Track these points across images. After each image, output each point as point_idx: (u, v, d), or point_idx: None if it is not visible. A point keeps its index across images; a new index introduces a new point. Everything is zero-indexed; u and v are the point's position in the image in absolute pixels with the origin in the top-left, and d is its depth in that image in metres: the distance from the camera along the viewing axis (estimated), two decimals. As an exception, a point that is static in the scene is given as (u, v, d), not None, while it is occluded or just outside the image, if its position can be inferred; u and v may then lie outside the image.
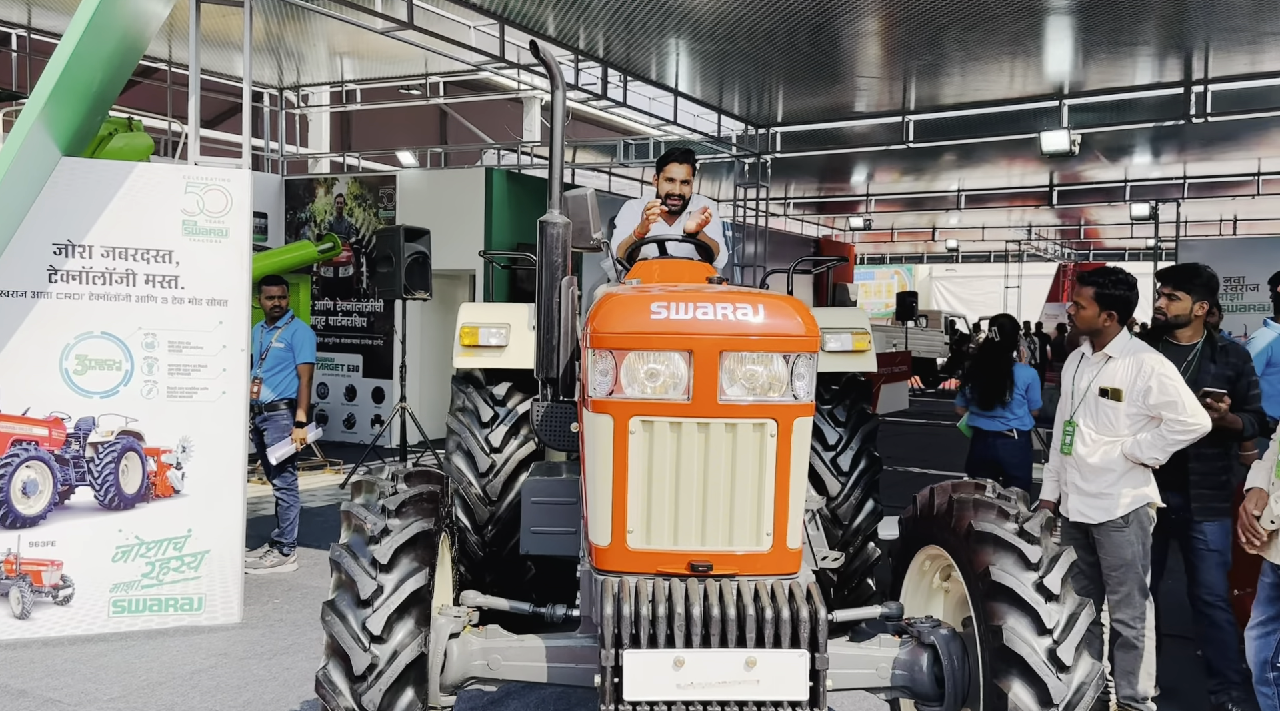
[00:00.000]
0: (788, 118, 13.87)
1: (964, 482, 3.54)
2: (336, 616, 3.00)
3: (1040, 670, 2.97)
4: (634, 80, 11.56)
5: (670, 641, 2.82)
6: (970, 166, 17.58)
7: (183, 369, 5.76)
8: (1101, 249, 31.25)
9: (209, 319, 5.80)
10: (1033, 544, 3.18)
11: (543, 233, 3.92)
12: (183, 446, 5.79)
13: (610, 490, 3.13)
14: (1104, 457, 4.49)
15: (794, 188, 20.89)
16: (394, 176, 13.86)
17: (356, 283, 13.84)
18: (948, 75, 11.23)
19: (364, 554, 3.07)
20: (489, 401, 5.44)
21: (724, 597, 2.88)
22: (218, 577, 5.87)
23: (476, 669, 3.35)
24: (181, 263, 5.74)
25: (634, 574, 3.11)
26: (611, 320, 3.10)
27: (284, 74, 14.54)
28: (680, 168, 5.29)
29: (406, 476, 3.39)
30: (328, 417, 13.89)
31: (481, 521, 5.30)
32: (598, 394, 3.12)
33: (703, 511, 3.12)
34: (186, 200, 5.74)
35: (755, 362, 3.07)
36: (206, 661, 5.29)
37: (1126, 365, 4.47)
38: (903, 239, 30.15)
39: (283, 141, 15.04)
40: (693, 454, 3.09)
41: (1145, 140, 14.66)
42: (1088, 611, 3.10)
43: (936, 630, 3.38)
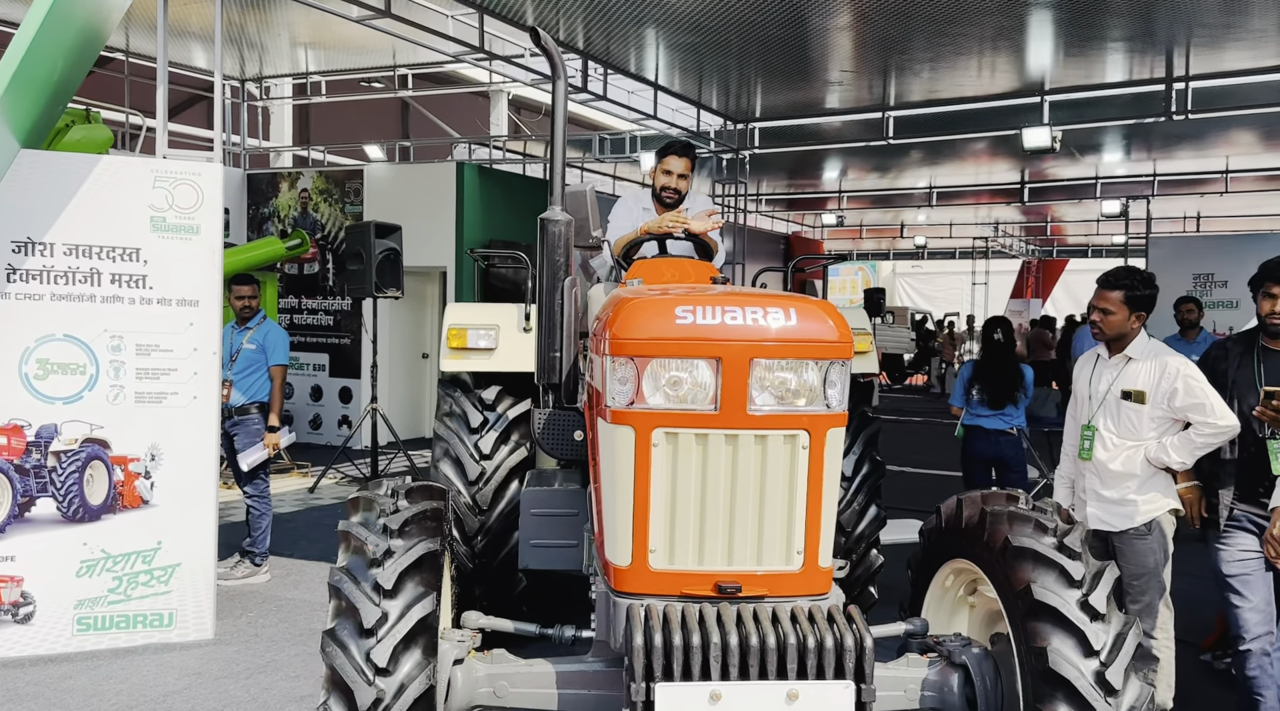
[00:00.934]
0: (767, 113, 13.72)
1: (995, 493, 3.38)
2: (338, 647, 2.76)
3: (1088, 694, 2.82)
4: (614, 74, 11.34)
5: (705, 672, 2.62)
6: (943, 163, 17.56)
7: (151, 373, 5.46)
8: (1065, 246, 31.51)
9: (179, 320, 5.50)
10: (1074, 559, 3.02)
11: (544, 230, 3.72)
12: (151, 454, 5.49)
13: (631, 507, 2.93)
14: (1126, 463, 4.35)
15: (765, 184, 20.77)
16: (361, 171, 13.53)
17: (322, 280, 13.50)
18: (927, 71, 11.13)
19: (366, 578, 2.84)
20: (478, 406, 5.21)
21: (761, 623, 2.69)
22: (189, 592, 5.58)
23: (482, 697, 3.15)
24: (149, 261, 5.44)
25: (656, 596, 2.91)
26: (633, 325, 2.89)
27: (245, 65, 14.13)
28: (679, 161, 5.09)
29: (408, 492, 3.16)
30: (293, 418, 13.53)
31: (471, 532, 5.07)
32: (617, 404, 2.91)
33: (730, 529, 2.93)
34: (155, 195, 5.44)
35: (786, 370, 2.88)
36: (180, 682, 5.01)
37: (1149, 367, 4.33)
38: (871, 236, 30.19)
39: (244, 134, 14.64)
40: (720, 468, 2.90)
41: (1118, 137, 14.69)
42: (1135, 631, 2.95)
43: (968, 649, 3.22)
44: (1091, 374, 4.59)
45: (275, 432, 6.78)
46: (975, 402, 7.38)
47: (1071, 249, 31.39)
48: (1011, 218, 26.19)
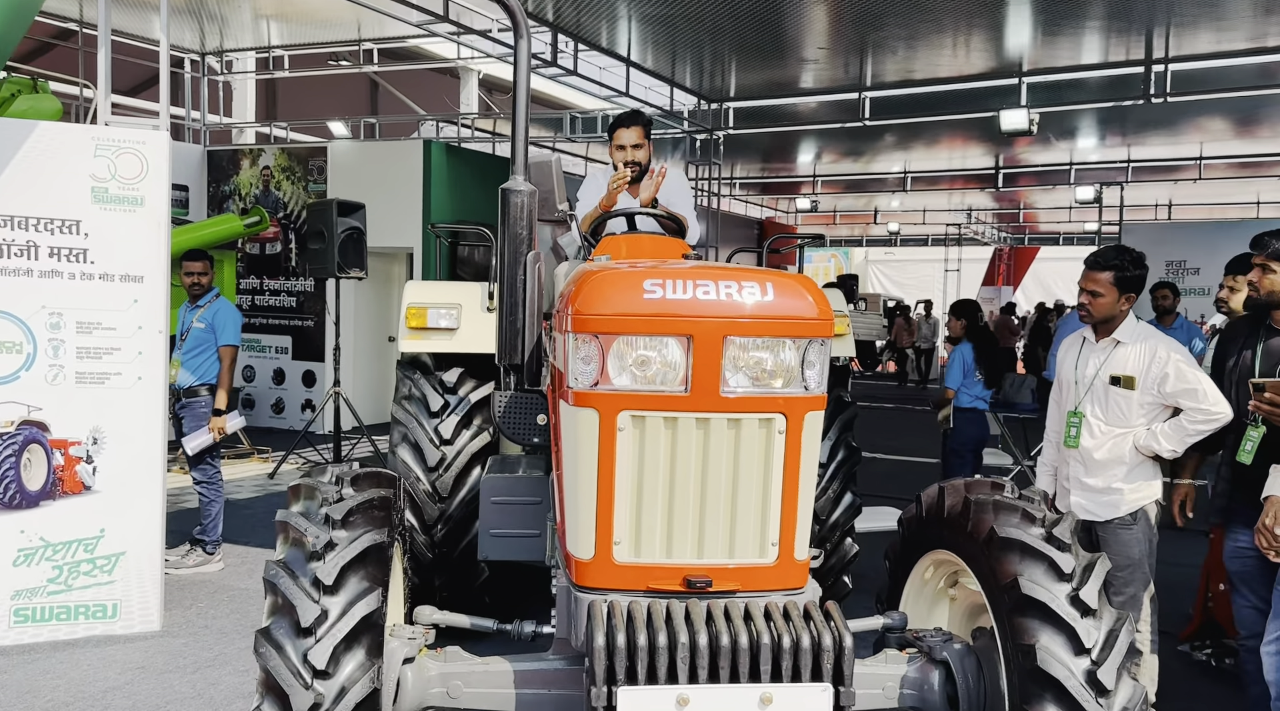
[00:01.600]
0: (741, 92, 13.47)
1: (979, 481, 3.20)
2: (272, 647, 2.54)
3: (1078, 694, 2.65)
4: (585, 50, 11.05)
5: (672, 675, 2.42)
6: (918, 147, 17.41)
7: (93, 352, 5.19)
8: (1037, 233, 31.54)
9: (123, 297, 5.22)
10: (1064, 552, 2.85)
11: (505, 202, 3.49)
12: (94, 438, 5.22)
13: (594, 495, 2.72)
14: (1112, 450, 4.19)
15: (739, 167, 20.55)
16: (325, 148, 13.18)
17: (285, 260, 13.16)
18: (904, 49, 10.95)
19: (304, 573, 2.62)
20: (438, 389, 4.99)
21: (733, 622, 2.49)
22: (134, 581, 5.33)
23: (434, 697, 2.94)
24: (91, 234, 5.15)
25: (621, 592, 2.71)
26: (598, 300, 2.68)
27: (205, 38, 13.72)
28: (630, 132, 4.85)
29: (353, 479, 2.94)
30: (255, 403, 13.22)
31: (430, 520, 4.86)
32: (580, 385, 2.70)
33: (700, 519, 2.73)
34: (96, 164, 5.16)
35: (762, 349, 2.68)
36: (122, 677, 4.76)
37: (1139, 351, 4.16)
38: (845, 221, 30.06)
39: (205, 110, 14.23)
40: (690, 453, 2.70)
41: (1094, 121, 14.59)
42: (1128, 627, 2.79)
43: (949, 645, 3.05)
44: (1077, 358, 4.42)
45: (221, 416, 6.48)
46: (975, 384, 7.29)
47: (1043, 237, 31.43)
48: (984, 204, 26.13)
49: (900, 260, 35.23)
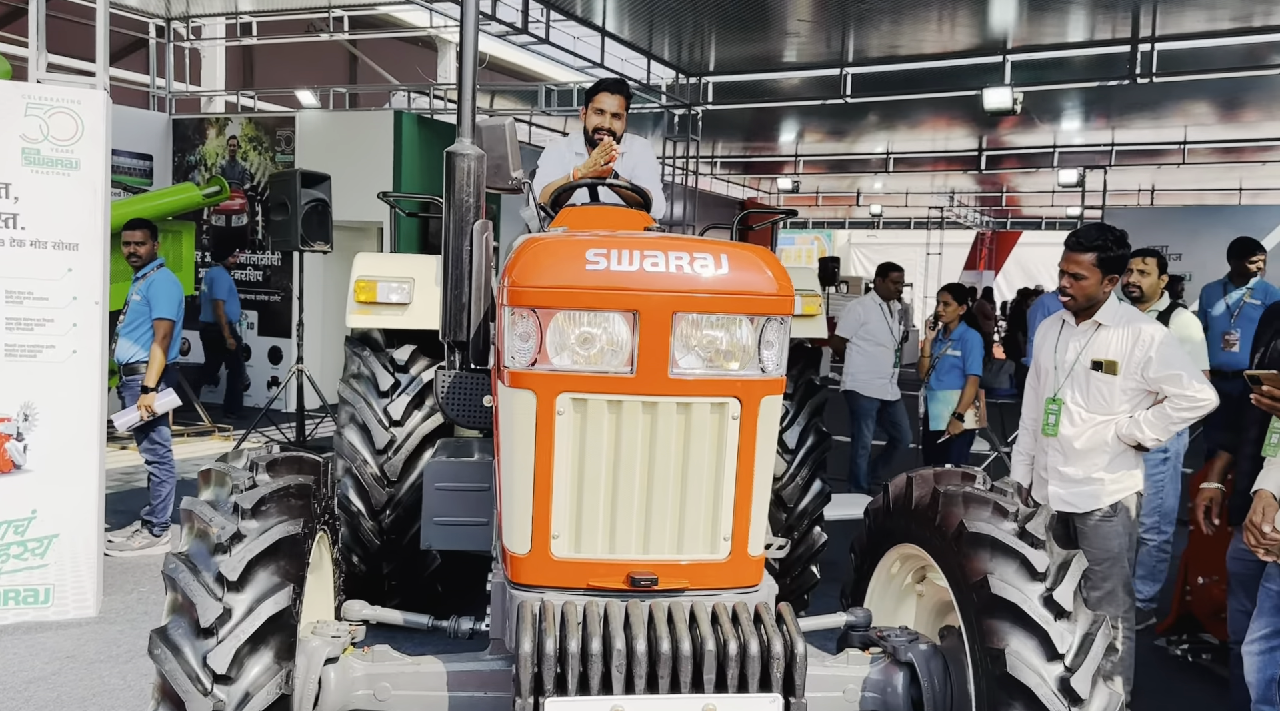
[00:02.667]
0: (720, 66, 13.17)
1: (949, 471, 3.00)
2: (169, 649, 2.31)
3: (1050, 703, 2.46)
4: (558, 19, 10.73)
5: (606, 684, 2.20)
6: (901, 128, 17.17)
7: (24, 323, 4.91)
8: (1020, 217, 31.40)
9: (56, 265, 4.94)
10: (1038, 548, 2.65)
11: (450, 166, 3.27)
12: (24, 414, 4.95)
13: (530, 485, 2.49)
14: (1093, 438, 3.98)
15: (721, 146, 20.26)
16: (293, 118, 12.84)
17: (251, 233, 12.83)
18: (888, 24, 10.70)
19: (208, 567, 2.38)
20: (388, 367, 4.74)
21: (675, 627, 2.27)
22: (69, 565, 5.07)
23: (359, 700, 2.71)
24: (21, 198, 4.86)
25: (559, 589, 2.49)
26: (536, 271, 2.44)
27: (171, 3, 13.31)
28: (612, 99, 4.63)
29: (269, 464, 2.69)
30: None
31: (378, 505, 4.62)
32: (516, 364, 2.47)
33: (646, 512, 2.51)
34: (27, 124, 4.86)
35: (716, 327, 2.45)
36: (49, 666, 4.51)
37: (1121, 334, 3.95)
38: (827, 203, 29.82)
39: (170, 77, 13.84)
40: (635, 440, 2.47)
41: (1079, 103, 14.39)
42: (1105, 630, 2.59)
43: (914, 645, 2.85)
44: (1056, 342, 4.20)
45: (149, 393, 6.15)
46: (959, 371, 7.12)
47: (1025, 221, 31.29)
48: (967, 188, 25.95)
49: (883, 243, 35.08)
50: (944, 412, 7.16)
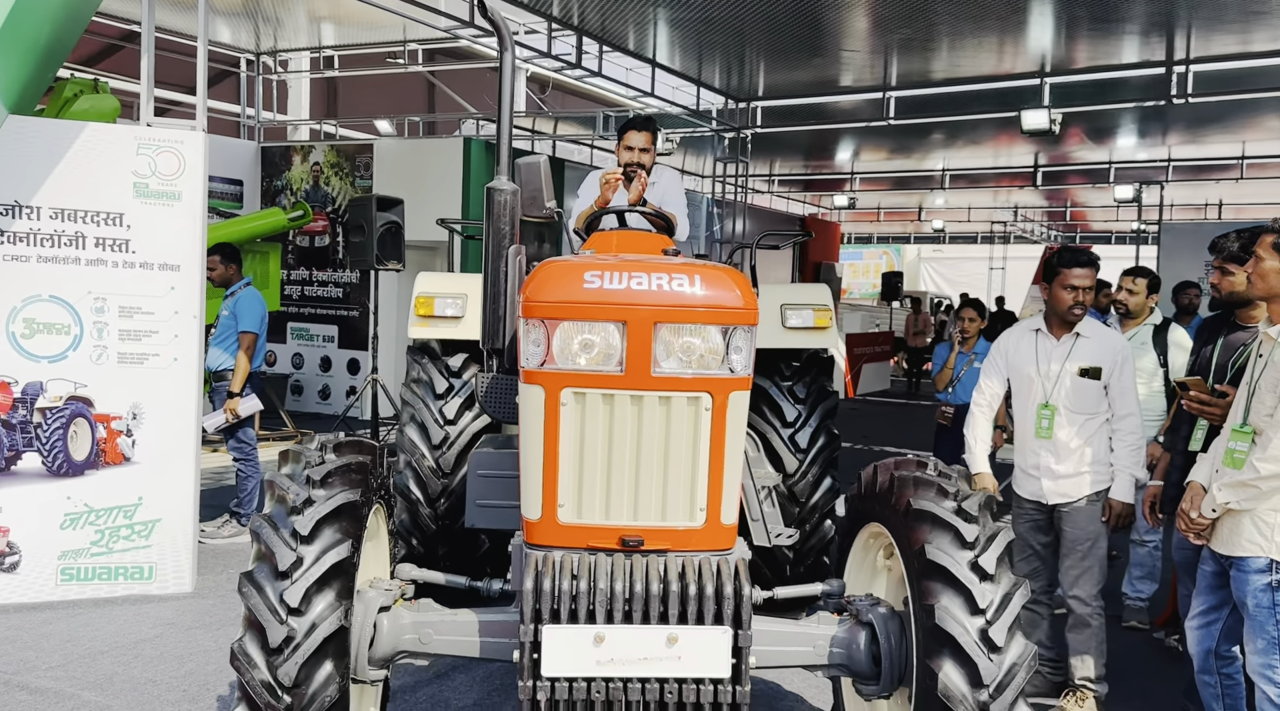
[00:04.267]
0: (769, 92, 13.70)
1: (907, 460, 3.48)
2: (254, 588, 2.92)
3: (971, 650, 2.92)
4: (610, 50, 11.38)
5: (591, 617, 2.76)
6: (955, 145, 17.45)
7: (134, 334, 5.66)
8: (1089, 231, 31.18)
9: (160, 284, 5.69)
10: (970, 522, 3.12)
11: (489, 200, 3.83)
12: (133, 413, 5.69)
13: (541, 463, 3.06)
14: (1082, 436, 4.50)
15: (779, 165, 20.72)
16: (371, 145, 13.69)
17: (332, 252, 13.70)
18: (930, 50, 11.09)
19: (285, 525, 2.99)
20: (444, 373, 5.36)
21: (648, 574, 2.82)
22: (169, 546, 5.79)
23: (407, 642, 3.29)
24: (132, 226, 5.62)
25: (564, 549, 3.05)
26: (544, 289, 3.02)
27: (261, 38, 14.31)
28: (639, 136, 5.20)
29: (335, 447, 3.31)
30: (303, 389, 13.79)
31: (434, 494, 5.23)
32: (530, 364, 3.05)
33: (635, 485, 3.05)
34: (138, 162, 5.62)
35: (691, 334, 3.00)
36: (153, 631, 5.22)
37: (1100, 344, 4.52)
38: (889, 219, 30.00)
39: (259, 107, 14.84)
40: (625, 427, 3.02)
41: (1130, 121, 14.55)
42: (1022, 591, 3.05)
43: (875, 608, 3.34)
44: (1036, 354, 4.64)
45: (234, 398, 6.89)
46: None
47: (1095, 235, 31.05)
48: (1032, 202, 25.93)
49: (951, 258, 35.02)
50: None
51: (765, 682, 4.78)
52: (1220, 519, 3.56)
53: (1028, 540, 4.77)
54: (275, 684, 2.84)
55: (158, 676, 4.64)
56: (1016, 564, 4.84)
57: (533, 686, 2.75)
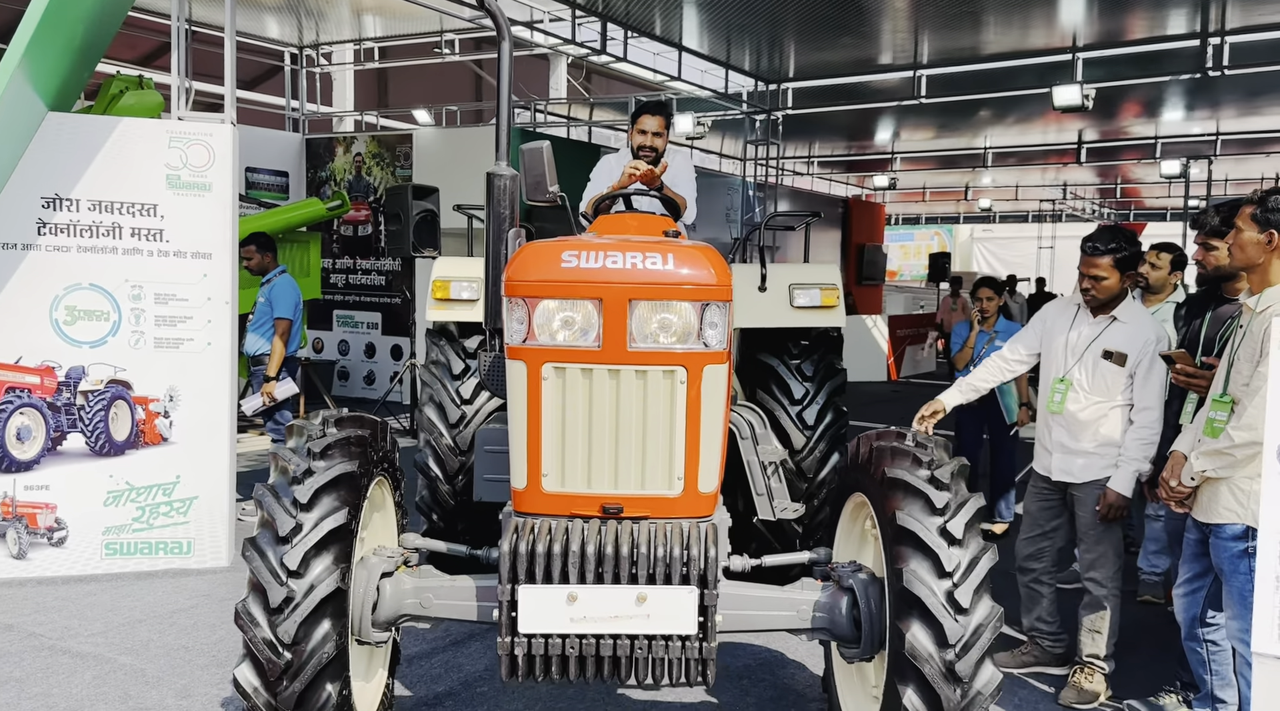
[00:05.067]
0: (799, 73, 13.68)
1: (887, 432, 3.58)
2: (256, 552, 3.12)
3: (938, 611, 3.03)
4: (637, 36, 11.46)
5: (565, 577, 2.92)
6: (997, 123, 17.25)
7: (169, 320, 5.93)
8: (1142, 208, 30.58)
9: (193, 271, 5.95)
10: (941, 490, 3.21)
11: (490, 185, 3.99)
12: (170, 395, 5.97)
13: (525, 435, 3.22)
14: (1095, 417, 4.46)
15: (819, 146, 20.65)
16: (411, 135, 13.95)
17: (375, 241, 14.00)
18: (961, 28, 11.00)
19: (286, 494, 3.18)
20: (460, 354, 5.53)
21: (619, 537, 2.97)
22: (206, 522, 6.07)
23: (409, 607, 3.48)
24: (166, 216, 5.88)
25: (549, 516, 3.20)
26: (524, 269, 3.18)
27: (304, 32, 14.63)
28: (652, 120, 5.31)
29: (337, 421, 3.49)
30: (349, 374, 14.14)
31: (452, 471, 5.41)
32: (513, 341, 3.20)
33: (615, 456, 3.19)
34: (170, 154, 5.87)
35: (665, 311, 3.12)
36: (189, 601, 5.50)
37: (1134, 330, 4.43)
38: (935, 198, 29.70)
39: (303, 99, 15.18)
40: (604, 400, 3.16)
41: (1175, 94, 14.28)
42: (990, 556, 3.14)
43: (856, 574, 3.45)
44: (1071, 327, 4.61)
45: (271, 382, 7.14)
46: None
47: (1148, 212, 30.44)
48: (1082, 180, 25.52)
49: (1004, 237, 34.54)
50: (1015, 406, 7.54)
51: (768, 651, 4.91)
52: (1200, 487, 3.61)
53: (1037, 519, 4.80)
54: (275, 641, 3.04)
55: (191, 643, 4.90)
56: (1022, 542, 4.91)
57: (510, 642, 2.92)
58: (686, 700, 4.38)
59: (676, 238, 4.35)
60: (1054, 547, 4.82)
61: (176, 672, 4.54)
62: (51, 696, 4.28)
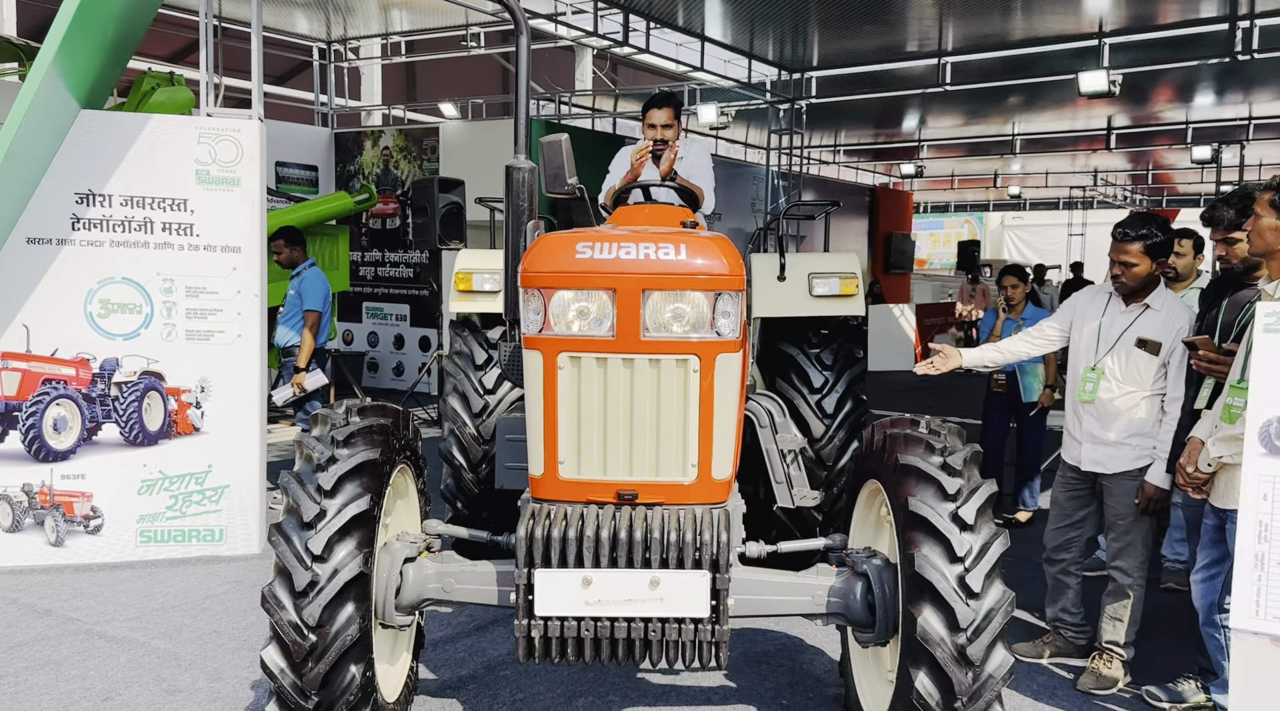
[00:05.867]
0: (823, 61, 13.65)
1: (901, 419, 3.61)
2: (282, 537, 3.21)
3: (949, 596, 3.07)
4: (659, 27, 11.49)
5: (580, 562, 2.98)
6: (1025, 109, 17.10)
7: (199, 313, 6.05)
8: (1175, 194, 30.19)
9: (223, 265, 6.06)
10: (954, 476, 3.24)
11: (509, 178, 4.04)
12: (201, 386, 6.09)
13: (542, 423, 3.29)
14: (1125, 406, 4.44)
15: (845, 134, 20.57)
16: (437, 128, 14.07)
17: (403, 234, 14.13)
18: (986, 14, 10.93)
19: (311, 481, 3.27)
20: (483, 345, 5.60)
21: (633, 523, 3.03)
22: (237, 511, 6.20)
23: (432, 591, 3.56)
24: (196, 211, 6.00)
25: (566, 502, 3.27)
26: (540, 259, 3.24)
27: (332, 27, 14.78)
28: (661, 113, 5.35)
29: (360, 410, 3.58)
30: (379, 366, 14.30)
31: (475, 460, 5.49)
32: (530, 331, 3.27)
33: (630, 443, 3.25)
34: (199, 150, 5.99)
35: (678, 300, 3.18)
36: (221, 588, 5.63)
37: (1167, 318, 4.40)
38: (964, 186, 29.48)
39: (332, 94, 15.34)
40: (619, 388, 3.22)
41: (1205, 79, 14.09)
42: (1001, 541, 3.17)
43: (870, 560, 3.50)
44: (1102, 314, 4.59)
45: (300, 373, 7.28)
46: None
47: (1181, 198, 30.04)
48: (1112, 166, 25.23)
49: (1035, 224, 34.20)
50: (1035, 385, 7.51)
51: (787, 637, 4.96)
52: (1217, 473, 3.62)
53: (1065, 509, 4.79)
54: (300, 623, 3.13)
55: (222, 628, 5.02)
56: (1050, 532, 4.91)
57: (526, 625, 2.99)
58: (705, 684, 4.45)
59: (694, 228, 4.42)
60: (1082, 538, 4.82)
61: (208, 656, 4.66)
62: (88, 678, 4.41)
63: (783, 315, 5.42)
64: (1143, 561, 4.56)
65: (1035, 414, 7.49)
